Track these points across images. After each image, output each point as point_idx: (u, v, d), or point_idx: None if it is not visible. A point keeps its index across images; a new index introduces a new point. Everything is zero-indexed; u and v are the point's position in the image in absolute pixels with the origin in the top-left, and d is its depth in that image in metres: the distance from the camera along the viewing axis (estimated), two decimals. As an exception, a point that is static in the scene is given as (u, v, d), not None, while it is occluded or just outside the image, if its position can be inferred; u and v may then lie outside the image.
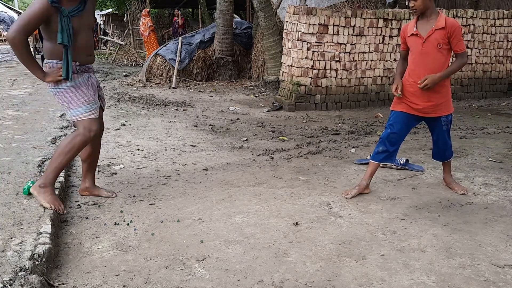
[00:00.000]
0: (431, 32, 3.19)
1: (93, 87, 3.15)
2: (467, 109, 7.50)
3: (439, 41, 3.19)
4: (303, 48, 6.95)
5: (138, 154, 4.55)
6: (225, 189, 3.61)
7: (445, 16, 3.20)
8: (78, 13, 2.93)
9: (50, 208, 2.93)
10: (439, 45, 3.20)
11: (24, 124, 5.41)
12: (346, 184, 3.75)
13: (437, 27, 3.17)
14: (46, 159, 4.02)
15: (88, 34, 3.08)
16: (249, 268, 2.44)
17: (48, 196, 2.99)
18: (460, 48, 3.23)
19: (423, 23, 3.25)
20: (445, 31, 3.16)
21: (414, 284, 2.30)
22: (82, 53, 3.04)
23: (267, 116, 6.74)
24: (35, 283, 2.11)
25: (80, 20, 2.96)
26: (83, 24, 3.00)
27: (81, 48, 3.02)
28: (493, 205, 3.34)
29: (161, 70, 10.04)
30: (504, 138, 5.34)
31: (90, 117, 3.05)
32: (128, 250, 2.62)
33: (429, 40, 3.21)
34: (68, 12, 2.86)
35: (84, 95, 3.04)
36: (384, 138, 3.43)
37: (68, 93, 3.03)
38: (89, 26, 3.09)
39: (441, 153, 3.59)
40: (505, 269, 2.45)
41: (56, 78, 2.97)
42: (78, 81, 3.04)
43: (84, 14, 2.99)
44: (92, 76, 3.19)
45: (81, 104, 3.03)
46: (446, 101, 3.38)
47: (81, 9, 2.96)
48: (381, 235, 2.84)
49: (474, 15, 8.00)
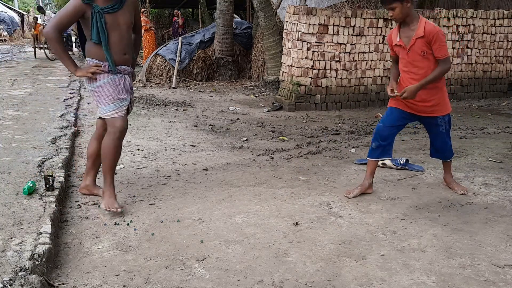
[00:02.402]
0: (413, 41, 3.15)
1: (126, 87, 3.18)
2: (467, 109, 7.50)
3: (422, 49, 3.15)
4: (303, 48, 6.95)
5: (138, 154, 4.55)
6: (225, 189, 3.61)
7: (425, 21, 3.13)
8: (113, 10, 2.98)
9: (105, 209, 3.06)
10: (424, 52, 3.16)
11: (24, 124, 5.41)
12: (346, 184, 3.75)
13: (417, 36, 3.12)
14: (46, 159, 4.02)
15: (124, 33, 3.08)
16: (249, 268, 2.44)
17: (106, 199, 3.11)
18: (441, 54, 3.13)
19: (405, 31, 3.21)
20: (425, 39, 3.11)
21: (414, 284, 2.30)
22: (116, 52, 3.07)
23: (267, 116, 6.75)
24: (35, 283, 2.11)
25: (114, 18, 2.99)
26: (118, 22, 3.02)
27: (115, 46, 3.05)
28: (493, 205, 3.33)
29: (161, 70, 10.04)
30: (504, 138, 5.34)
31: (114, 116, 3.11)
32: (128, 250, 2.62)
33: (413, 49, 3.18)
34: (100, 9, 2.92)
35: (110, 94, 3.09)
36: (376, 133, 3.43)
37: (97, 92, 3.11)
38: (126, 25, 3.08)
39: (440, 153, 3.59)
40: (505, 269, 2.45)
41: (86, 74, 3.05)
42: (107, 80, 3.08)
43: (120, 12, 3.02)
44: (127, 78, 3.21)
45: (109, 102, 3.10)
46: (442, 102, 3.36)
47: (117, 7, 2.99)
48: (381, 235, 2.84)
49: (474, 15, 8.00)
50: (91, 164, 3.38)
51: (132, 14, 3.12)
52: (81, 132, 5.35)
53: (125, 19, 3.06)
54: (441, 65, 3.16)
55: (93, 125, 5.73)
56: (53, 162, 3.95)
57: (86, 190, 3.41)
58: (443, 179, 3.73)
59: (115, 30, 3.02)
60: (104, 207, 3.08)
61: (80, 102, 7.26)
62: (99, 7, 2.92)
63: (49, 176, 3.24)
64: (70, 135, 4.91)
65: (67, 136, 4.84)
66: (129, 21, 3.10)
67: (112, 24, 2.99)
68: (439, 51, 3.12)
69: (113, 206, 3.06)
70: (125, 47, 3.11)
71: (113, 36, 3.02)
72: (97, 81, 3.08)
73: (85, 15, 2.95)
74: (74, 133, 5.10)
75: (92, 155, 3.35)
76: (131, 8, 3.11)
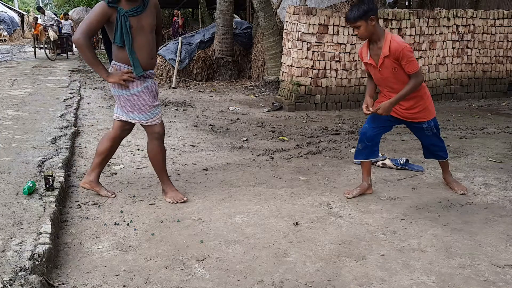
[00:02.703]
0: (382, 60, 3.13)
1: (154, 93, 3.21)
2: (467, 109, 7.50)
3: (392, 66, 3.12)
4: (303, 48, 6.95)
5: (138, 154, 4.55)
6: (225, 189, 3.61)
7: (390, 38, 3.08)
8: (137, 13, 2.98)
9: (172, 202, 3.29)
10: (394, 69, 3.13)
11: (24, 124, 5.41)
12: (346, 184, 3.75)
13: (384, 55, 3.10)
14: (46, 159, 4.02)
15: (150, 36, 3.08)
16: (249, 268, 2.44)
17: (170, 193, 3.34)
18: (411, 69, 3.08)
19: (374, 49, 3.18)
20: (391, 57, 3.08)
21: (414, 284, 2.30)
22: (144, 56, 3.07)
23: (267, 116, 6.74)
24: (35, 283, 2.11)
25: (139, 21, 3.00)
26: (143, 25, 3.02)
27: (141, 49, 3.04)
28: (493, 205, 3.33)
29: (161, 70, 10.04)
30: (504, 138, 5.34)
31: (151, 124, 3.20)
32: (128, 250, 2.62)
33: (383, 67, 3.16)
34: (125, 12, 2.93)
35: (146, 103, 3.14)
36: (361, 134, 3.42)
37: (131, 100, 3.14)
38: (150, 28, 3.08)
39: (433, 154, 3.58)
40: (505, 269, 2.45)
41: (119, 81, 3.05)
42: (141, 88, 3.12)
43: (144, 15, 3.02)
44: (155, 83, 3.25)
45: (144, 112, 3.16)
46: (425, 109, 3.34)
47: (140, 10, 3.00)
48: (381, 235, 2.84)
49: (474, 15, 8.00)
50: (99, 162, 3.39)
51: (154, 16, 3.12)
52: (81, 132, 5.35)
53: (148, 22, 3.06)
54: (413, 80, 3.12)
55: (93, 125, 5.73)
56: (53, 162, 3.95)
57: (88, 185, 3.41)
58: (443, 179, 3.73)
59: (140, 33, 3.02)
60: (171, 201, 3.29)
61: (80, 102, 7.27)
62: (124, 10, 2.93)
63: (49, 176, 3.24)
64: (70, 135, 4.91)
65: (67, 136, 4.84)
66: (153, 24, 3.10)
67: (137, 28, 3.00)
68: (408, 67, 3.08)
69: (178, 198, 3.31)
70: (152, 51, 3.12)
71: (139, 40, 3.03)
72: (130, 89, 3.10)
73: (110, 18, 2.96)
74: (74, 133, 5.10)
75: (102, 153, 3.37)
76: (154, 10, 3.11)
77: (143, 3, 3.02)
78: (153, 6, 3.10)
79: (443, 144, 3.55)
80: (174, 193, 3.34)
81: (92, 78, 10.51)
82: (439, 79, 8.09)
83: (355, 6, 3.06)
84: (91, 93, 8.35)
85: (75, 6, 30.68)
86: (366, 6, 3.02)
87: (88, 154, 4.48)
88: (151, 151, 3.30)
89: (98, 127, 5.66)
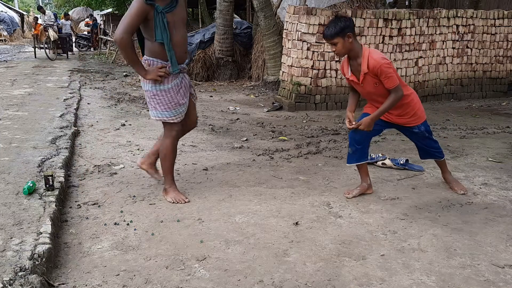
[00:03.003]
0: (363, 76, 3.14)
1: (185, 88, 3.27)
2: (467, 109, 7.50)
3: (373, 81, 3.15)
4: (303, 48, 6.95)
5: (138, 154, 4.55)
6: (225, 189, 3.61)
7: (368, 54, 3.09)
8: (172, 9, 3.05)
9: (173, 202, 3.29)
10: (376, 84, 3.15)
11: (24, 124, 5.41)
12: (346, 184, 3.75)
13: (363, 72, 3.12)
14: (46, 159, 4.03)
15: (183, 31, 3.14)
16: (249, 268, 2.44)
17: (171, 193, 3.34)
18: (390, 85, 3.10)
19: (354, 65, 3.19)
20: (370, 73, 3.10)
21: (414, 284, 2.30)
22: (178, 50, 3.13)
23: (267, 116, 6.74)
24: (35, 283, 2.11)
25: (173, 16, 3.06)
26: (177, 20, 3.09)
27: (177, 45, 3.11)
28: (493, 205, 3.33)
29: (161, 70, 10.03)
30: (504, 138, 5.34)
31: (173, 121, 3.24)
32: (128, 250, 2.62)
33: (365, 82, 3.17)
34: (162, 9, 2.99)
35: (172, 100, 3.19)
36: (350, 138, 3.42)
37: (158, 95, 3.17)
38: (183, 22, 3.15)
39: (428, 154, 3.57)
40: (505, 269, 2.45)
41: (156, 77, 3.09)
42: (171, 85, 3.17)
43: (177, 10, 3.09)
44: (186, 76, 3.31)
45: (168, 109, 3.20)
46: (414, 114, 3.35)
47: (174, 5, 3.06)
48: (381, 235, 2.84)
49: (474, 15, 8.00)
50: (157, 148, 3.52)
51: (185, 9, 3.20)
52: (81, 132, 5.35)
53: (181, 16, 3.13)
54: (392, 95, 3.14)
55: (93, 125, 5.73)
56: (53, 162, 3.95)
57: (145, 166, 3.59)
58: (442, 178, 3.73)
59: (176, 28, 3.08)
60: (172, 200, 3.30)
61: (80, 102, 7.27)
62: (161, 7, 2.98)
63: (49, 176, 3.24)
64: (70, 135, 4.91)
65: (67, 136, 4.84)
66: (185, 17, 3.18)
67: (173, 23, 3.06)
68: (387, 82, 3.10)
69: (180, 198, 3.31)
70: (185, 45, 3.19)
71: (176, 35, 3.08)
72: (161, 85, 3.14)
73: (148, 15, 2.99)
74: (74, 133, 5.10)
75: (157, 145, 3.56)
76: (183, 3, 3.18)
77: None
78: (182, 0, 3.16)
79: (437, 144, 3.54)
80: (175, 193, 3.35)
81: (92, 78, 10.51)
82: (439, 79, 8.09)
83: (332, 23, 3.09)
84: (91, 93, 8.35)
85: (75, 6, 30.69)
86: (342, 23, 3.05)
87: (88, 154, 4.48)
88: (165, 148, 3.31)
89: (98, 127, 5.66)
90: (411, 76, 7.75)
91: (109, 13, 26.96)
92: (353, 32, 3.08)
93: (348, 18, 3.11)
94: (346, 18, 3.10)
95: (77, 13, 29.94)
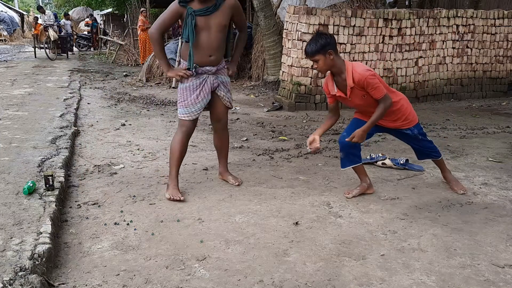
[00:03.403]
0: (350, 91, 3.14)
1: (205, 91, 3.40)
2: (467, 109, 7.50)
3: (360, 93, 3.15)
4: (303, 48, 6.94)
5: (138, 154, 4.55)
6: (225, 189, 3.61)
7: (351, 68, 3.10)
8: (206, 13, 3.21)
9: (168, 198, 3.35)
10: (364, 96, 3.16)
11: (24, 124, 5.41)
12: (346, 184, 3.75)
13: (349, 86, 3.12)
14: (46, 159, 4.03)
15: (214, 35, 3.27)
16: (249, 268, 2.44)
17: (169, 189, 3.41)
18: (378, 95, 3.10)
19: (339, 81, 3.19)
20: (357, 87, 3.11)
21: (414, 284, 2.30)
22: (202, 52, 3.30)
23: (267, 116, 6.74)
24: (35, 283, 2.11)
25: (206, 20, 3.22)
26: (209, 25, 3.23)
27: (201, 47, 3.28)
28: (493, 205, 3.33)
29: (161, 70, 10.03)
30: (504, 138, 5.34)
31: (184, 119, 3.41)
32: (128, 250, 2.62)
33: (353, 96, 3.17)
34: (193, 11, 3.19)
35: (185, 98, 3.38)
36: (340, 143, 3.40)
37: (179, 92, 3.43)
38: (217, 27, 3.26)
39: (426, 154, 3.57)
40: (505, 269, 2.45)
41: (175, 76, 3.36)
42: (188, 84, 3.36)
43: (214, 15, 3.23)
44: (210, 78, 3.40)
45: (182, 106, 3.40)
46: (405, 118, 3.35)
47: (210, 11, 3.21)
48: (381, 235, 2.84)
49: (474, 15, 8.00)
50: (218, 154, 3.80)
51: (227, 16, 3.30)
52: (81, 132, 5.35)
53: (216, 22, 3.25)
54: (381, 105, 3.13)
55: (93, 125, 5.74)
56: (53, 162, 3.95)
57: (220, 176, 3.81)
58: (442, 177, 3.73)
59: (204, 31, 3.24)
60: (168, 196, 3.35)
61: (80, 102, 7.27)
62: (192, 10, 3.18)
63: (49, 176, 3.24)
64: (70, 135, 4.91)
65: (67, 136, 4.84)
66: (222, 24, 3.28)
67: (203, 26, 3.22)
68: (374, 93, 3.10)
69: (176, 196, 3.34)
70: (212, 49, 3.31)
71: (202, 37, 3.25)
72: (182, 83, 3.39)
73: (182, 16, 3.24)
74: (74, 133, 5.10)
75: (216, 146, 3.79)
76: (228, 11, 3.29)
77: (215, 4, 3.21)
78: (228, 6, 3.28)
79: (432, 144, 3.53)
80: (173, 190, 3.39)
81: (92, 78, 10.51)
82: (439, 79, 8.09)
83: (313, 40, 3.11)
84: (91, 93, 8.35)
85: (75, 6, 30.67)
86: (323, 40, 3.06)
87: (88, 154, 4.49)
88: (173, 143, 3.45)
89: (98, 127, 5.66)
90: (411, 76, 7.75)
91: (109, 13, 26.96)
92: (334, 49, 3.09)
93: (329, 35, 3.12)
94: (327, 35, 3.11)
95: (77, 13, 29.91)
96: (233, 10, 3.33)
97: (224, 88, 3.51)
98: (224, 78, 3.50)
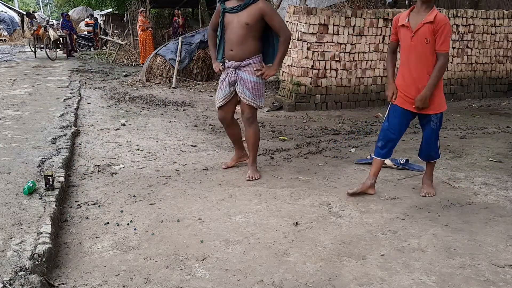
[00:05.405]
0: (420, 25, 3.12)
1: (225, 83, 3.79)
2: (467, 109, 7.50)
3: (426, 35, 3.12)
4: (303, 48, 6.95)
5: (138, 154, 4.55)
6: (225, 189, 3.61)
7: (437, 11, 3.12)
8: (233, 11, 3.60)
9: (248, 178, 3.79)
10: (427, 40, 3.12)
11: (24, 124, 5.41)
12: (346, 184, 3.75)
13: (426, 21, 3.10)
14: (46, 159, 4.03)
15: (235, 31, 3.60)
16: (249, 268, 2.44)
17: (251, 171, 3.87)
18: (443, 49, 3.10)
19: (415, 16, 3.19)
20: (433, 25, 3.09)
21: (414, 284, 2.30)
22: (226, 46, 3.74)
23: (267, 116, 6.74)
24: (35, 283, 2.11)
25: (233, 18, 3.60)
26: (234, 21, 3.59)
27: (225, 41, 3.73)
28: (493, 205, 3.33)
29: (161, 70, 10.04)
30: (504, 138, 5.34)
31: (216, 105, 3.94)
32: (128, 250, 2.62)
33: (418, 33, 3.15)
34: (223, 8, 3.65)
35: (218, 88, 3.91)
36: (382, 133, 3.41)
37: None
38: (239, 24, 3.57)
39: (424, 152, 3.51)
40: (505, 269, 2.45)
41: (215, 68, 3.86)
42: (221, 76, 3.88)
43: (241, 13, 3.56)
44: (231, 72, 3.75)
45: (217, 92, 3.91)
46: (438, 98, 3.30)
47: (237, 9, 3.57)
48: (381, 235, 2.84)
49: (474, 15, 8.00)
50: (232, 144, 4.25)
51: (252, 17, 3.55)
52: (81, 132, 5.35)
53: (240, 20, 3.57)
54: (440, 60, 3.13)
55: (93, 124, 5.74)
56: (53, 162, 3.95)
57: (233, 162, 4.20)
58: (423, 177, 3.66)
59: (229, 27, 3.64)
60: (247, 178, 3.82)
61: (80, 102, 7.27)
62: (224, 7, 3.64)
63: (49, 176, 3.24)
64: (70, 135, 4.91)
65: (67, 136, 4.84)
66: (243, 22, 3.56)
67: (228, 22, 3.63)
68: (442, 44, 3.10)
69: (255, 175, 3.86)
70: (232, 44, 3.66)
71: (226, 32, 3.68)
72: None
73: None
74: (74, 133, 5.10)
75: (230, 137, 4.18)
76: (255, 12, 3.54)
77: (244, 4, 3.53)
78: (255, 8, 3.53)
79: (437, 143, 3.48)
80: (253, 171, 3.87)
81: (92, 78, 10.52)
82: (439, 79, 8.07)
83: None
84: (91, 93, 8.35)
85: (75, 6, 30.69)
86: None
87: (88, 154, 4.49)
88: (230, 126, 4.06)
89: (98, 126, 5.66)
90: (411, 76, 7.74)
91: (109, 13, 26.96)
92: None
93: None
94: None
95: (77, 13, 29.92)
96: (261, 12, 3.54)
97: (241, 85, 3.73)
98: (246, 76, 3.70)
